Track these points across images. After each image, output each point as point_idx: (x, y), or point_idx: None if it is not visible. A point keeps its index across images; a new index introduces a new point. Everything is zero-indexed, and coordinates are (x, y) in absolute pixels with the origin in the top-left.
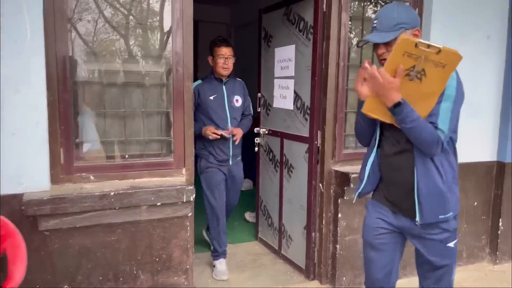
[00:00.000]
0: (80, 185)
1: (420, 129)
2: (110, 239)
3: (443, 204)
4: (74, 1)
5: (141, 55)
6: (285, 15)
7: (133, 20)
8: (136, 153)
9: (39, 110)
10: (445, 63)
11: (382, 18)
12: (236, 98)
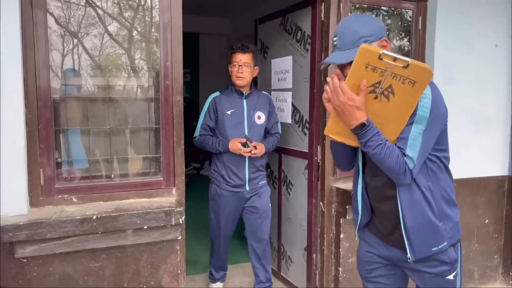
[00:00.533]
0: (62, 208)
1: (385, 156)
2: (94, 266)
3: (435, 235)
4: (57, 12)
5: (127, 69)
6: (282, 25)
7: (118, 32)
8: (123, 172)
9: (15, 128)
10: (415, 79)
11: (342, 34)
12: (258, 114)
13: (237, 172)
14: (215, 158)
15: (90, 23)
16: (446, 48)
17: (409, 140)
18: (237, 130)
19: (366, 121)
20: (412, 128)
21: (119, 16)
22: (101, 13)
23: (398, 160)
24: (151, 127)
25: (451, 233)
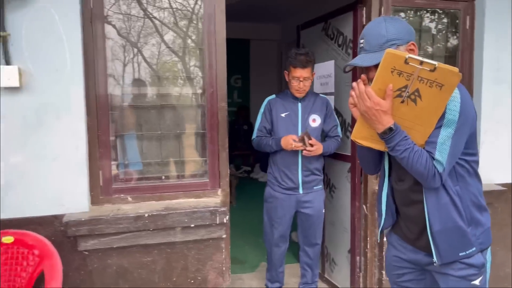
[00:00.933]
0: (118, 206)
1: (413, 160)
2: (146, 260)
3: (463, 240)
4: (109, 29)
5: (176, 78)
6: (324, 30)
7: (167, 43)
8: (172, 174)
9: (78, 135)
10: (443, 83)
11: (368, 37)
12: (313, 117)
13: (290, 175)
14: (270, 160)
15: (148, 33)
16: (496, 48)
17: (438, 144)
18: (291, 132)
19: (393, 125)
20: (441, 132)
21: (174, 27)
22: (158, 24)
23: (427, 164)
24: (197, 132)
25: (481, 238)
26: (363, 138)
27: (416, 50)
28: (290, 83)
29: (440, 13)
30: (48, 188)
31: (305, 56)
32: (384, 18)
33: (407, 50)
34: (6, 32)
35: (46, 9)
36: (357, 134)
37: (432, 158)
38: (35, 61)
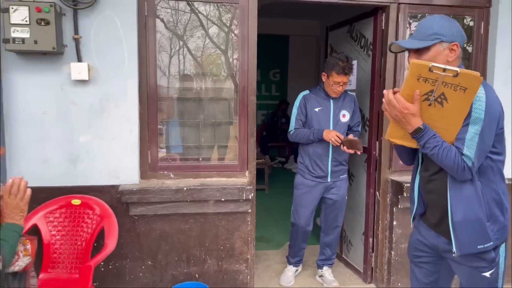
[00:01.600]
0: (162, 181)
1: (442, 155)
2: (184, 227)
3: (482, 233)
4: (159, 36)
5: (213, 75)
6: (349, 33)
7: (207, 47)
8: (208, 157)
9: (132, 120)
10: (466, 86)
11: (420, 26)
12: (343, 113)
13: (320, 165)
14: (301, 151)
15: (194, 26)
16: (508, 52)
17: (466, 140)
18: (323, 126)
19: (422, 125)
20: (469, 129)
21: (213, 37)
22: (196, 36)
23: (455, 158)
24: (230, 121)
25: (497, 234)
26: (397, 137)
27: (458, 51)
28: (330, 85)
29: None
30: (107, 163)
31: (348, 64)
32: (441, 16)
33: (449, 48)
34: (79, 35)
35: (110, 17)
36: (391, 134)
37: (461, 154)
38: (101, 58)
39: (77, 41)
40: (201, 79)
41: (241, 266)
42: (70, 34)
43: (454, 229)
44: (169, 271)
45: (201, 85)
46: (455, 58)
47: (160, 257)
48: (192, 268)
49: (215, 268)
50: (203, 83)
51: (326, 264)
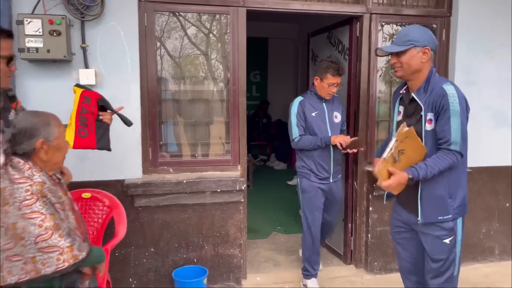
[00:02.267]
0: (163, 175)
1: (439, 170)
2: (184, 216)
3: (443, 207)
4: (158, 44)
5: (206, 78)
6: (328, 38)
7: (200, 52)
8: (204, 153)
9: (134, 120)
10: (406, 136)
11: (399, 34)
12: (335, 114)
13: (325, 166)
14: (303, 156)
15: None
16: (467, 56)
17: (451, 129)
18: (322, 128)
19: (409, 175)
20: (451, 121)
21: (207, 45)
22: (194, 40)
23: (447, 161)
24: (223, 121)
25: (457, 210)
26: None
27: (429, 53)
28: (324, 88)
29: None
30: (113, 159)
31: (340, 65)
32: (416, 25)
33: (422, 51)
34: (86, 44)
35: (114, 27)
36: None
37: (448, 143)
38: (106, 65)
39: (84, 49)
40: (197, 83)
41: (235, 251)
42: (78, 43)
43: (421, 202)
44: (170, 257)
45: (196, 87)
46: (427, 59)
47: (162, 244)
48: (191, 253)
49: (211, 253)
50: (197, 86)
51: None
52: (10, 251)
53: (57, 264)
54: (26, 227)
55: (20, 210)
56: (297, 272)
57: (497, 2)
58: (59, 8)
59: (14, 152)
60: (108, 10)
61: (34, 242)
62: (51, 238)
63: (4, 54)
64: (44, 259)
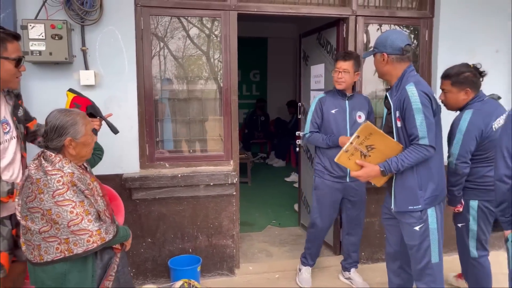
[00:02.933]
0: (159, 170)
1: (410, 163)
2: (179, 209)
3: (413, 198)
4: (153, 45)
5: (201, 78)
6: (317, 39)
7: (194, 53)
8: (198, 149)
9: (132, 118)
10: (369, 132)
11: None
12: (359, 114)
13: (340, 165)
14: (319, 152)
15: (182, 49)
16: (450, 54)
17: (417, 126)
18: (340, 126)
19: (381, 168)
20: (415, 118)
21: (200, 45)
22: (189, 42)
23: (418, 155)
24: (216, 118)
25: (427, 201)
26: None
27: (386, 58)
28: (333, 77)
29: (404, 27)
30: (112, 155)
31: (347, 52)
32: (388, 30)
33: (381, 57)
34: (85, 47)
35: (112, 31)
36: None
37: (417, 138)
38: (105, 66)
39: (84, 52)
40: (191, 82)
41: (228, 241)
42: (78, 46)
43: (395, 192)
44: (166, 247)
45: (190, 87)
46: (388, 63)
47: (158, 235)
48: (186, 244)
49: (206, 244)
50: (191, 85)
51: (353, 267)
52: (46, 233)
53: (87, 245)
54: (59, 213)
55: (53, 198)
56: (288, 262)
57: (477, 3)
58: (60, 14)
59: (47, 146)
60: (106, 15)
61: (67, 226)
62: (81, 223)
63: (13, 56)
64: (76, 240)
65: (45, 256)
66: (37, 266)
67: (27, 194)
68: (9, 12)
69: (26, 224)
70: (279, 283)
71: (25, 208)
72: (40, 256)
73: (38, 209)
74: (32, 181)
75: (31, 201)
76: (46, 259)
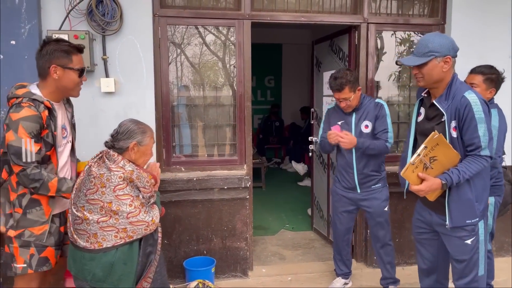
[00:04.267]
0: (175, 174)
1: (470, 174)
2: (194, 211)
3: (471, 211)
4: (170, 54)
5: (216, 85)
6: (330, 46)
7: (210, 61)
8: (213, 153)
9: (150, 124)
10: (436, 143)
11: (419, 45)
12: (365, 124)
13: (346, 176)
14: (335, 161)
15: (198, 56)
16: (461, 61)
17: (480, 136)
18: None
19: (443, 182)
20: (478, 128)
21: (218, 51)
22: (205, 49)
23: (478, 166)
24: (230, 124)
25: (482, 212)
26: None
27: (450, 62)
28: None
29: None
30: None
31: (336, 80)
32: (435, 33)
33: (443, 61)
34: (106, 56)
35: (131, 40)
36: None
37: (479, 147)
38: (124, 74)
39: (105, 60)
40: (206, 89)
41: (241, 244)
42: (99, 55)
43: (450, 207)
44: (182, 249)
45: (205, 93)
46: (449, 68)
47: (174, 236)
48: (201, 245)
49: (220, 246)
50: (206, 91)
51: (391, 284)
52: (104, 223)
53: (145, 232)
54: (119, 206)
55: (114, 192)
56: (301, 265)
57: (488, 9)
58: (83, 24)
59: (112, 146)
60: (126, 25)
61: (126, 217)
62: (139, 215)
63: (77, 66)
64: (134, 229)
65: (103, 242)
66: (92, 252)
67: (88, 187)
68: (35, 24)
69: (84, 215)
70: (292, 285)
71: (84, 200)
72: (99, 243)
73: (98, 201)
74: (95, 176)
75: (92, 193)
76: (105, 245)
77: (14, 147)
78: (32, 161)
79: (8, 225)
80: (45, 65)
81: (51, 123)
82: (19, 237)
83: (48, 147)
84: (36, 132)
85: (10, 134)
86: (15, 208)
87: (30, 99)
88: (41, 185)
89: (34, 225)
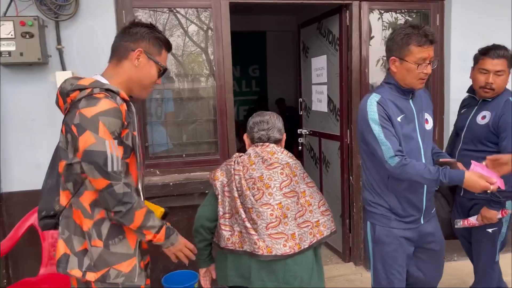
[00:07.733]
0: (149, 178)
1: None
2: (173, 219)
3: None
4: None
5: (193, 76)
6: (318, 29)
7: (183, 49)
8: (191, 153)
9: None
10: None
11: None
12: (426, 117)
13: (414, 200)
14: (378, 184)
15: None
16: (463, 40)
17: None
18: (412, 142)
19: None
20: None
21: (190, 40)
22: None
23: None
24: (210, 119)
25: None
26: None
27: None
28: (412, 71)
29: (413, 12)
30: None
31: (428, 28)
32: None
33: None
34: (62, 46)
35: (90, 26)
36: None
37: None
38: (84, 66)
39: (60, 51)
40: (180, 80)
41: None
42: (53, 44)
43: None
44: (160, 262)
45: (181, 85)
46: None
47: (151, 248)
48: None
49: None
50: (183, 83)
51: None
52: (301, 219)
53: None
54: (313, 194)
55: (304, 180)
56: None
57: None
58: (31, 9)
59: (269, 138)
60: (83, 9)
61: (317, 207)
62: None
63: (162, 63)
64: (324, 221)
65: (301, 243)
66: (296, 255)
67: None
68: None
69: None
70: None
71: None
72: (298, 245)
73: (293, 193)
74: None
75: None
76: (303, 246)
77: (95, 153)
78: (119, 171)
79: (84, 267)
80: (130, 46)
81: (130, 120)
82: (103, 279)
83: (128, 152)
84: (119, 132)
85: (88, 135)
86: (91, 240)
87: (102, 89)
88: (127, 212)
89: (120, 261)
